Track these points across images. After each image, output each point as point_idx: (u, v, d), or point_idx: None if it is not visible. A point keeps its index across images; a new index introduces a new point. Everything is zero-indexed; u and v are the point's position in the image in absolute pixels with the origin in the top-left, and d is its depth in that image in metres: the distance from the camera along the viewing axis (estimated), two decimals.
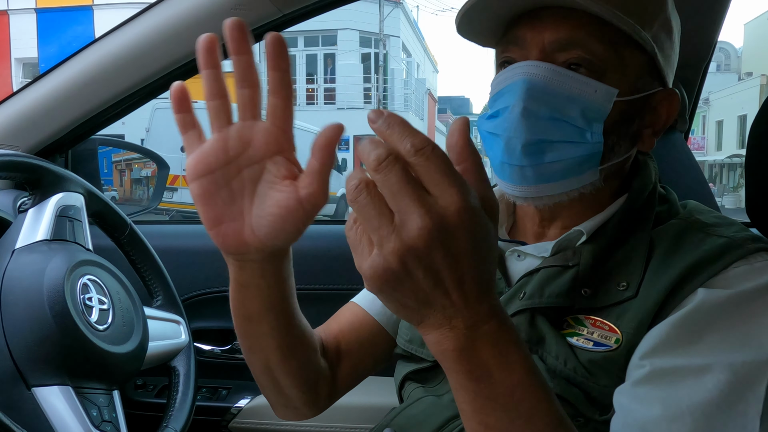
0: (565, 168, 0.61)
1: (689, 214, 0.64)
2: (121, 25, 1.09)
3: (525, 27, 0.62)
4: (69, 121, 1.14)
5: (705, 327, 0.54)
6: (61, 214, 0.87)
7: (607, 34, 0.59)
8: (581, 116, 0.59)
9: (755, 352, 0.52)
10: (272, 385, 0.69)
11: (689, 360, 0.53)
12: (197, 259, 1.33)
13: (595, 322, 0.59)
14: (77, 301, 0.78)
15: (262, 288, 0.57)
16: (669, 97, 0.65)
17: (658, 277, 0.58)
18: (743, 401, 0.50)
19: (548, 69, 0.59)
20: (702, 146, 31.12)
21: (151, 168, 1.78)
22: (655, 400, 0.52)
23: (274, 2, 1.02)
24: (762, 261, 0.57)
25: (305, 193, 0.48)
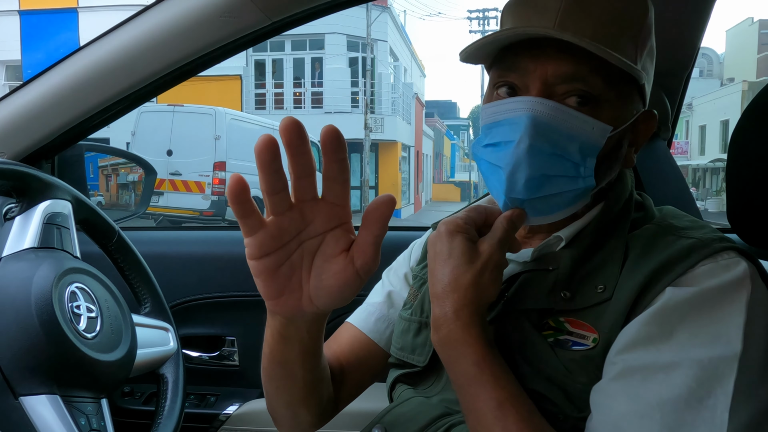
0: (562, 202, 0.65)
1: (663, 219, 0.67)
2: (109, 32, 1.09)
3: (527, 57, 0.63)
4: (56, 127, 1.13)
5: (674, 324, 0.56)
6: (49, 222, 0.86)
7: (606, 70, 0.61)
8: (578, 152, 0.62)
9: (723, 347, 0.54)
10: (290, 416, 0.75)
11: (658, 357, 0.55)
12: (185, 265, 1.33)
13: (574, 323, 0.62)
14: (65, 309, 0.78)
15: (304, 341, 0.62)
16: (649, 117, 0.70)
17: (630, 278, 0.61)
18: (712, 396, 0.52)
19: (553, 107, 0.61)
20: (685, 151, 31.52)
21: (138, 173, 1.77)
22: (626, 396, 0.55)
23: (262, 10, 1.02)
24: (728, 259, 0.59)
25: (360, 263, 0.51)
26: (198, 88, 11.59)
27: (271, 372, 0.68)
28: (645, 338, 0.56)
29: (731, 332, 0.55)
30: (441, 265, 0.61)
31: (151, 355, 0.97)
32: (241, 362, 1.35)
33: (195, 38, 1.06)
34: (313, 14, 1.08)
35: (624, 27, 0.63)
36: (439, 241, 0.61)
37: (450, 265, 0.60)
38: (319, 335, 0.63)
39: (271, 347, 0.64)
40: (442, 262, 0.61)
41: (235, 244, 1.41)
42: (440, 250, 0.61)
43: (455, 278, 0.59)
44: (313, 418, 0.76)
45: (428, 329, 0.75)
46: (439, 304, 0.61)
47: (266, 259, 0.50)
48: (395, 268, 0.90)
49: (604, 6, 0.62)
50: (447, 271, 0.60)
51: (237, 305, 1.34)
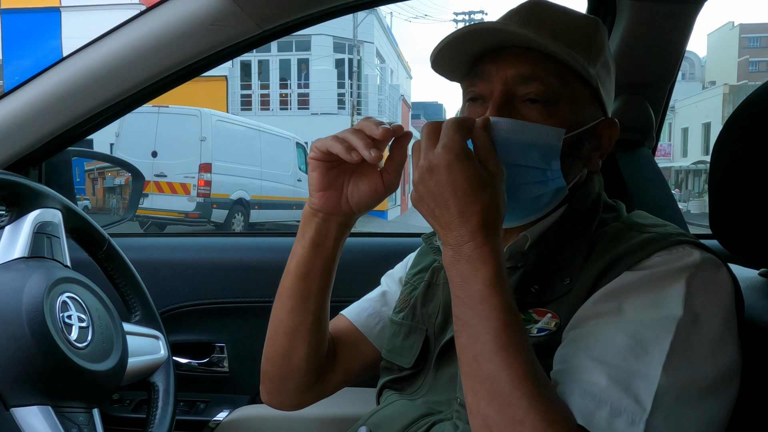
0: (539, 205, 0.71)
1: (629, 218, 0.72)
2: (98, 39, 1.09)
3: (489, 63, 0.70)
4: (44, 133, 1.13)
5: (621, 301, 0.60)
6: (39, 231, 0.86)
7: (560, 70, 0.68)
8: (540, 158, 0.67)
9: (663, 311, 0.58)
10: (288, 352, 0.80)
11: (604, 320, 0.60)
12: (175, 272, 1.33)
13: (540, 312, 0.67)
14: (56, 320, 0.78)
15: (328, 248, 0.76)
16: (610, 125, 0.74)
17: (590, 268, 0.65)
18: (650, 352, 0.56)
19: (508, 123, 0.66)
20: (668, 153, 31.94)
21: (124, 176, 1.76)
22: (571, 355, 0.59)
23: (253, 19, 1.03)
24: (682, 250, 0.63)
25: (387, 180, 0.74)
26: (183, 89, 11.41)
27: (291, 289, 0.78)
28: (594, 314, 0.61)
29: (672, 300, 0.59)
30: (458, 191, 0.58)
31: (142, 363, 0.97)
32: (230, 369, 1.35)
33: (185, 46, 1.06)
34: (303, 23, 1.08)
35: (576, 39, 0.70)
36: (452, 171, 0.59)
37: (468, 190, 0.58)
38: (338, 251, 0.77)
39: (298, 259, 0.76)
40: (461, 188, 0.58)
41: (225, 251, 1.41)
42: (456, 177, 0.58)
43: (473, 201, 0.58)
44: (305, 376, 0.81)
45: (417, 333, 0.79)
46: (455, 228, 0.59)
47: (325, 162, 0.72)
48: (393, 272, 0.95)
49: (556, 22, 0.70)
50: (463, 196, 0.58)
51: (227, 312, 1.34)
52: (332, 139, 0.70)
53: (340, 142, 0.69)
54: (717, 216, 0.76)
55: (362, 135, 0.68)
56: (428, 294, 0.81)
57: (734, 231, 0.76)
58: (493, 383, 0.55)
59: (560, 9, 0.73)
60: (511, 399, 0.54)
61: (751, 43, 42.72)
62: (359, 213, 0.76)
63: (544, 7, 0.72)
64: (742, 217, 0.72)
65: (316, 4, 1.05)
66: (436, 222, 0.61)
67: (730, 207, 0.74)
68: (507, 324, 0.57)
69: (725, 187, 0.74)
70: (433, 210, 0.60)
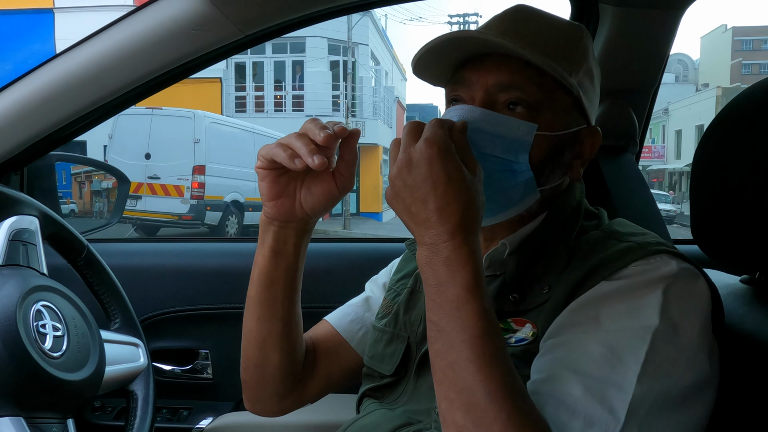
0: (509, 199, 0.69)
1: (609, 226, 0.71)
2: (81, 42, 1.08)
3: (471, 70, 0.70)
4: (25, 138, 1.11)
5: (598, 310, 0.60)
6: (14, 238, 0.85)
7: (541, 78, 0.68)
8: (508, 150, 0.67)
9: (638, 321, 0.58)
10: (261, 362, 0.79)
11: (581, 329, 0.59)
12: (157, 278, 1.32)
13: (518, 322, 0.66)
14: (30, 329, 0.77)
15: (289, 255, 0.75)
16: (592, 133, 0.74)
17: (569, 276, 0.65)
18: (625, 362, 0.56)
19: (481, 112, 0.67)
20: (662, 155, 32.09)
21: (112, 180, 1.75)
22: (547, 365, 0.59)
23: (235, 24, 1.02)
24: (660, 260, 0.63)
25: (341, 182, 0.72)
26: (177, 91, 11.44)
27: (256, 298, 0.77)
28: (571, 323, 0.61)
29: (648, 310, 0.58)
30: (438, 187, 0.57)
31: (120, 371, 0.96)
32: (214, 375, 1.34)
33: (168, 50, 1.06)
34: (286, 28, 1.08)
35: (558, 47, 0.70)
36: (433, 165, 0.57)
37: (449, 187, 0.57)
38: (299, 256, 0.76)
39: (260, 268, 0.75)
40: (441, 184, 0.57)
41: (207, 256, 1.40)
42: (437, 172, 0.57)
43: (453, 199, 0.57)
44: (282, 383, 0.81)
45: (399, 340, 0.78)
46: (433, 226, 0.57)
47: (272, 170, 0.70)
48: (377, 278, 0.94)
49: (538, 30, 0.70)
50: (443, 193, 0.57)
51: (210, 318, 1.33)
52: (276, 146, 0.68)
53: (283, 150, 0.67)
54: (698, 223, 0.76)
55: (306, 140, 0.66)
56: (411, 301, 0.80)
57: (715, 238, 0.75)
58: (470, 394, 0.53)
59: (544, 16, 0.73)
60: (488, 411, 0.53)
61: (743, 45, 42.99)
62: (316, 217, 0.75)
63: (527, 15, 0.72)
64: (723, 224, 0.72)
65: (298, 9, 1.05)
66: (411, 219, 0.58)
67: (711, 214, 0.74)
68: (485, 332, 0.55)
69: (706, 193, 0.74)
70: (410, 206, 0.58)
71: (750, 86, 0.72)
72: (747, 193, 0.67)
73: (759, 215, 0.65)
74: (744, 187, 0.67)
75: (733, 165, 0.69)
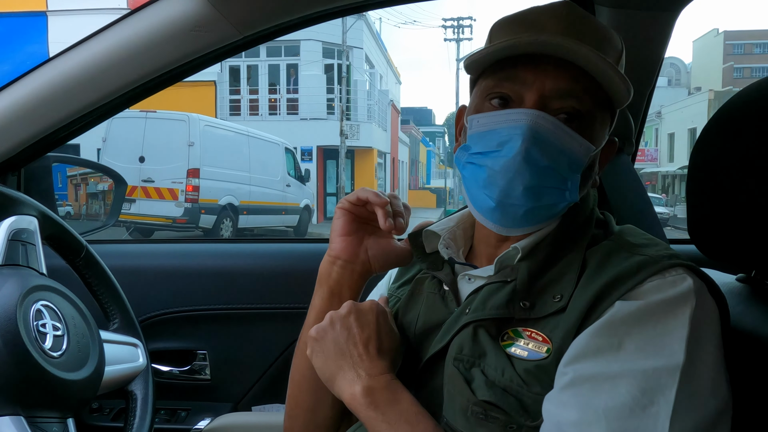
0: (548, 214, 0.68)
1: (620, 236, 0.70)
2: (79, 43, 1.08)
3: (526, 69, 0.66)
4: (23, 139, 1.11)
5: (621, 336, 0.59)
6: (14, 238, 0.85)
7: (596, 92, 0.65)
8: (567, 167, 0.66)
9: (666, 359, 0.57)
10: (313, 406, 0.80)
11: (606, 367, 0.58)
12: (156, 278, 1.32)
13: (531, 333, 0.64)
14: (30, 328, 0.77)
15: (345, 298, 0.77)
16: (611, 144, 0.74)
17: (584, 291, 0.63)
18: (654, 405, 0.55)
19: (552, 122, 0.64)
20: (655, 158, 32.25)
21: (108, 182, 1.74)
22: (575, 405, 0.57)
23: (234, 25, 1.02)
24: (675, 275, 0.62)
25: (400, 250, 0.81)
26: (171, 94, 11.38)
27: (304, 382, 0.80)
28: (594, 350, 0.59)
29: (675, 345, 0.57)
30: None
31: (119, 371, 0.96)
32: (212, 376, 1.34)
33: (166, 51, 1.06)
34: (284, 29, 1.08)
35: (614, 48, 0.68)
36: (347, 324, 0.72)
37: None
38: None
39: (317, 311, 0.79)
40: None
41: (206, 257, 1.40)
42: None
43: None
44: (332, 411, 0.80)
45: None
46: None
47: (353, 212, 0.78)
48: (376, 291, 0.92)
49: (594, 32, 0.67)
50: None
51: (208, 319, 1.33)
52: (374, 194, 0.76)
53: (379, 201, 0.75)
54: (695, 222, 0.77)
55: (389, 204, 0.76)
56: (410, 303, 0.79)
57: (712, 237, 0.76)
58: None
59: (588, 16, 0.69)
60: None
61: (735, 49, 43.32)
62: (375, 267, 0.79)
63: (580, 13, 0.68)
64: (719, 224, 0.72)
65: (296, 10, 1.05)
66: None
67: (707, 214, 0.74)
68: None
69: (703, 193, 0.74)
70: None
71: (745, 87, 0.72)
72: (742, 193, 0.67)
73: (754, 215, 0.66)
74: (739, 187, 0.67)
75: (729, 165, 0.69)
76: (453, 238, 0.79)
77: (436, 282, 0.76)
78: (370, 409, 0.65)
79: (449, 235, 0.78)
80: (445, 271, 0.75)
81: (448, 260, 0.76)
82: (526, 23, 0.68)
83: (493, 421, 0.62)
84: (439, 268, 0.76)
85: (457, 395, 0.65)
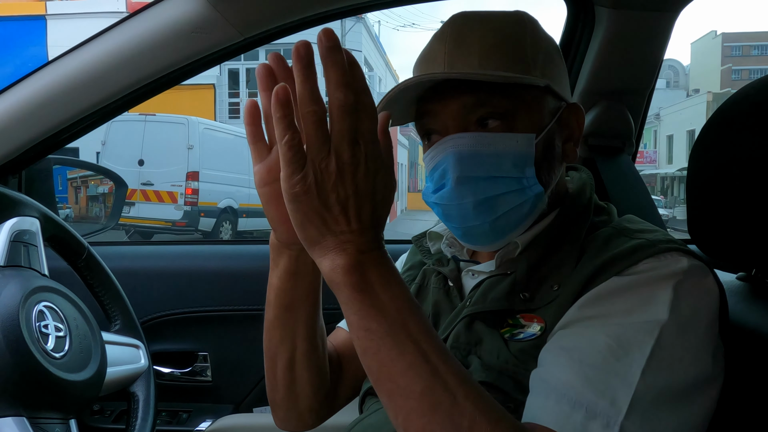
0: (521, 214, 0.69)
1: (620, 223, 0.71)
2: (79, 45, 1.08)
3: (433, 101, 0.69)
4: (24, 141, 1.11)
5: (608, 306, 0.60)
6: (16, 239, 0.85)
7: (503, 86, 0.66)
8: (513, 167, 0.67)
9: (647, 315, 0.58)
10: (290, 382, 0.75)
11: (589, 323, 0.59)
12: (157, 280, 1.32)
13: (527, 317, 0.66)
14: (33, 329, 0.77)
15: (307, 275, 0.68)
16: (574, 110, 0.73)
17: (579, 272, 0.65)
18: (629, 355, 0.56)
19: (471, 137, 0.66)
20: (654, 160, 32.30)
21: (108, 185, 1.74)
22: (551, 357, 0.59)
23: (234, 26, 1.03)
24: (671, 258, 0.63)
25: None
26: (170, 97, 11.36)
27: (276, 320, 0.71)
28: (580, 318, 0.61)
29: (658, 306, 0.58)
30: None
31: (121, 373, 0.96)
32: (213, 378, 1.34)
33: (166, 53, 1.06)
34: (285, 31, 1.09)
35: (506, 50, 0.68)
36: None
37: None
38: (318, 275, 0.68)
39: (277, 290, 0.69)
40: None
41: (207, 259, 1.40)
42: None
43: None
44: (313, 396, 0.76)
45: None
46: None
47: (272, 186, 0.60)
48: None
49: (482, 42, 0.68)
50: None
51: (210, 320, 1.33)
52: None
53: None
54: (695, 221, 0.77)
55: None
56: (419, 296, 0.80)
57: (712, 236, 0.76)
58: (431, 394, 0.50)
59: (483, 20, 0.70)
60: (455, 408, 0.50)
61: (733, 51, 43.44)
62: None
63: (467, 25, 0.70)
64: (719, 222, 0.73)
65: (297, 12, 1.05)
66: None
67: (708, 212, 0.74)
68: (428, 327, 0.52)
69: (703, 192, 0.75)
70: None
71: (744, 86, 0.73)
72: (742, 192, 0.67)
73: (754, 213, 0.66)
74: (739, 185, 0.68)
75: (729, 164, 0.70)
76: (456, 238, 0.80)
77: (442, 278, 0.77)
78: (355, 290, 0.50)
79: (452, 235, 0.80)
80: (449, 267, 0.77)
81: (452, 258, 0.78)
82: (424, 56, 0.71)
83: None
84: (445, 265, 0.78)
85: None
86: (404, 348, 0.50)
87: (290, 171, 0.48)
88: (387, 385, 0.52)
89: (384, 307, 0.51)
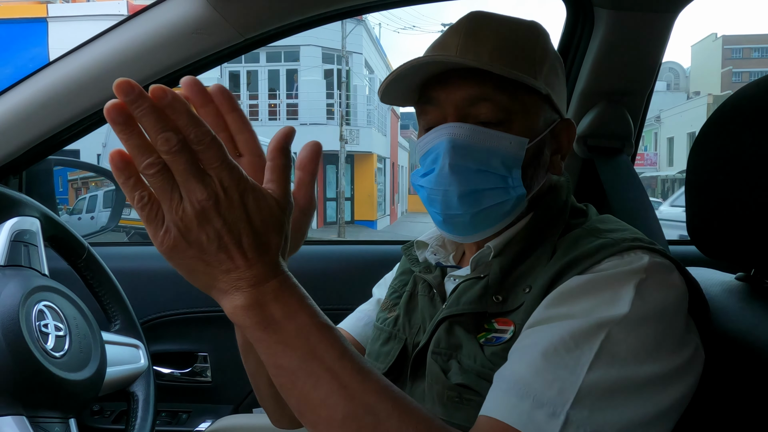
0: (500, 213, 0.71)
1: (592, 224, 0.71)
2: (80, 46, 1.09)
3: (438, 88, 0.71)
4: (24, 142, 1.12)
5: (570, 304, 0.60)
6: (16, 239, 0.85)
7: (508, 86, 0.68)
8: (502, 165, 0.68)
9: (604, 310, 0.58)
10: (275, 393, 0.74)
11: (551, 321, 0.60)
12: (157, 280, 1.32)
13: (500, 321, 0.67)
14: (33, 329, 0.77)
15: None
16: (567, 126, 0.75)
17: (546, 272, 0.66)
18: (579, 349, 0.56)
19: (469, 129, 0.68)
20: (654, 162, 32.28)
21: (109, 186, 1.75)
22: (514, 352, 0.60)
23: (235, 27, 1.03)
24: (633, 256, 0.63)
25: (303, 203, 0.59)
26: None
27: (247, 345, 0.70)
28: (544, 318, 0.61)
29: (617, 303, 0.58)
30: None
31: (121, 372, 0.96)
32: (213, 378, 1.34)
33: (167, 54, 1.06)
34: (285, 32, 1.09)
35: (517, 52, 0.70)
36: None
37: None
38: None
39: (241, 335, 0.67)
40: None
41: None
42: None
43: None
44: None
45: (396, 340, 0.78)
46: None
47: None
48: (383, 281, 0.95)
49: (495, 39, 0.70)
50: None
51: (209, 321, 1.33)
52: None
53: None
54: (694, 222, 0.77)
55: None
56: (411, 304, 0.81)
57: (711, 237, 0.76)
58: (357, 419, 0.49)
59: (499, 20, 0.73)
60: (384, 424, 0.49)
61: (733, 54, 43.44)
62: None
63: (482, 22, 0.72)
64: (718, 223, 0.73)
65: (298, 13, 1.06)
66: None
67: (706, 213, 0.74)
68: (344, 351, 0.50)
69: (702, 193, 0.75)
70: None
71: (744, 86, 0.73)
72: (741, 192, 0.67)
73: (753, 213, 0.66)
74: (738, 185, 0.68)
75: (728, 164, 0.70)
76: (442, 245, 0.83)
77: (427, 285, 0.79)
78: (258, 330, 0.48)
79: (437, 243, 0.83)
80: (434, 274, 0.79)
81: (437, 264, 0.80)
82: (437, 44, 0.73)
83: (468, 403, 0.64)
84: (431, 272, 0.80)
85: (435, 384, 0.67)
86: (318, 379, 0.49)
87: (153, 229, 0.46)
88: (309, 417, 0.50)
89: (291, 342, 0.49)
